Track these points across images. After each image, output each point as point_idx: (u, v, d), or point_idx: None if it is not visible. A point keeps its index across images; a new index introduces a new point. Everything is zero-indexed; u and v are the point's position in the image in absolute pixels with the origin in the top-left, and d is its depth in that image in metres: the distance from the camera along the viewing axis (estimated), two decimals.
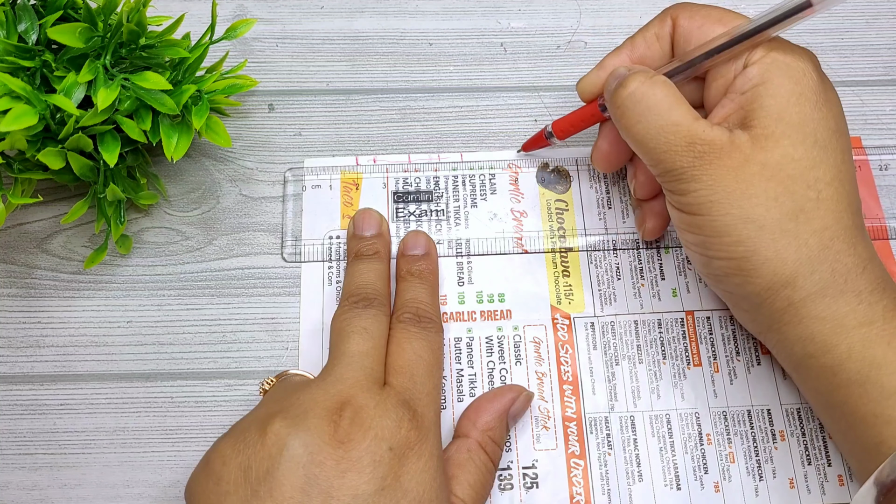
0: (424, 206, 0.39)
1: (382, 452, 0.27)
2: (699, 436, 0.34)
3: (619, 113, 0.31)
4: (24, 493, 0.33)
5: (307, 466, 0.26)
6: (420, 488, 0.27)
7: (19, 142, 0.31)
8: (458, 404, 0.35)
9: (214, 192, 0.39)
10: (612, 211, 0.39)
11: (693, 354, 0.36)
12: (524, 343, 0.36)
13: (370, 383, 0.29)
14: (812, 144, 0.29)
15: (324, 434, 0.27)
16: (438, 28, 0.43)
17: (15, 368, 0.36)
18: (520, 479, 0.33)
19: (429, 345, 0.32)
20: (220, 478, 0.26)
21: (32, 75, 0.32)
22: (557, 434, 0.34)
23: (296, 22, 0.43)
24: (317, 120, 0.41)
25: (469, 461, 0.31)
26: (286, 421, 0.27)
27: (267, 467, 0.26)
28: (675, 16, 0.33)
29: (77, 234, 0.38)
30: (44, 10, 0.33)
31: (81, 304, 0.37)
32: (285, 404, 0.28)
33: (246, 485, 0.26)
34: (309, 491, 0.26)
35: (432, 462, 0.28)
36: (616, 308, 0.37)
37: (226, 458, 0.27)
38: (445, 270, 0.37)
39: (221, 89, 0.37)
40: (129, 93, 0.33)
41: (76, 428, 0.35)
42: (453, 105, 0.41)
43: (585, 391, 0.35)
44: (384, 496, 0.26)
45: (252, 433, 0.27)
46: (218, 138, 0.36)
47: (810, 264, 0.28)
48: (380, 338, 0.31)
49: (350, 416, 0.27)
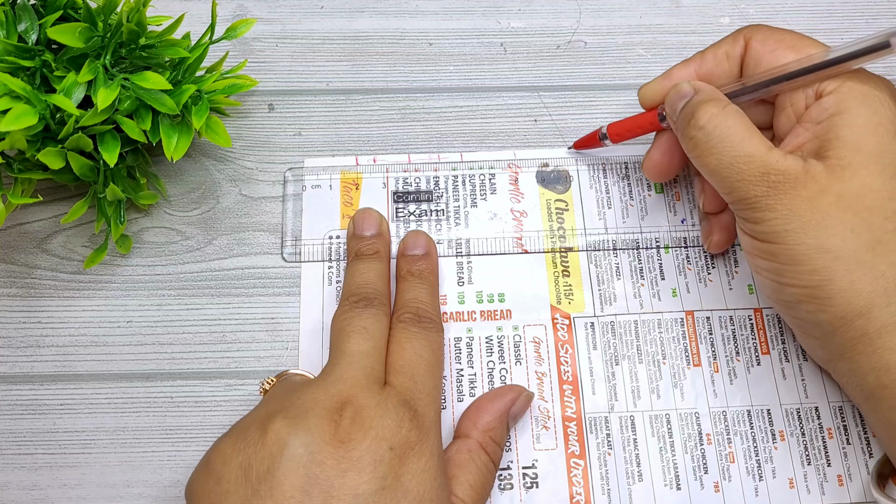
0: (424, 206, 0.39)
1: (383, 452, 0.27)
2: (699, 436, 0.34)
3: (692, 144, 0.31)
4: (24, 493, 0.33)
5: (308, 466, 0.26)
6: (420, 488, 0.27)
7: (19, 142, 0.31)
8: (458, 404, 0.35)
9: (214, 192, 0.39)
10: (612, 211, 0.39)
11: (693, 354, 0.36)
12: (524, 343, 0.36)
13: (370, 383, 0.29)
14: (891, 176, 0.29)
15: (324, 434, 0.27)
16: (438, 28, 0.43)
17: (15, 368, 0.36)
18: (520, 478, 0.33)
19: (429, 344, 0.32)
20: (220, 477, 0.26)
21: (32, 75, 0.32)
22: (557, 434, 0.34)
23: (296, 22, 0.43)
24: (317, 120, 0.41)
25: (470, 461, 0.31)
26: (287, 420, 0.27)
27: (268, 466, 0.26)
28: (749, 37, 0.33)
29: (77, 234, 0.38)
30: (44, 10, 0.33)
31: (81, 304, 0.37)
32: (286, 404, 0.28)
33: (246, 484, 0.26)
34: (309, 490, 0.26)
35: (433, 462, 0.28)
36: (616, 308, 0.37)
37: (226, 457, 0.27)
38: (445, 270, 0.37)
39: (221, 89, 0.37)
40: (128, 93, 0.33)
41: (76, 428, 0.35)
42: (453, 105, 0.41)
43: (585, 391, 0.35)
44: (385, 496, 0.26)
45: (253, 433, 0.27)
46: (218, 138, 0.36)
47: (886, 296, 0.28)
48: (380, 337, 0.31)
49: (350, 415, 0.27)
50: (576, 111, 0.41)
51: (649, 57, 0.43)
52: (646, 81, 0.35)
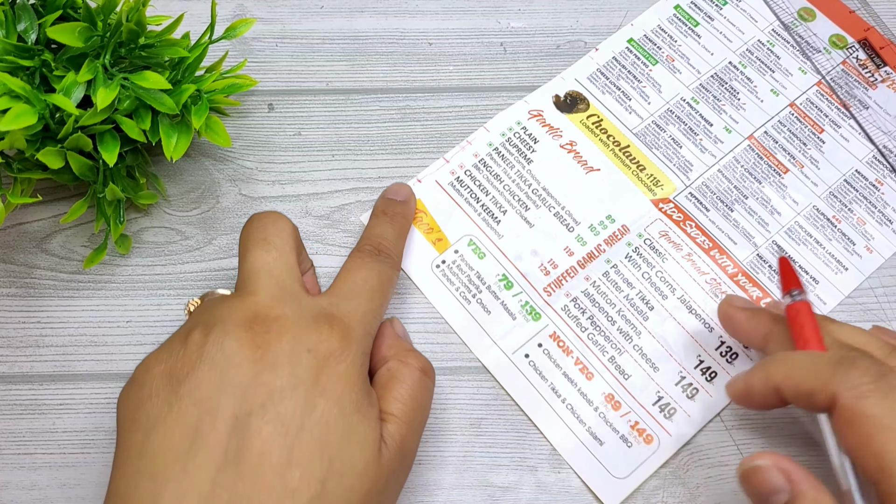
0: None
1: (300, 354, 0.28)
2: (828, 221, 0.39)
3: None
4: (24, 493, 0.33)
5: (225, 368, 0.27)
6: (339, 388, 0.27)
7: (19, 141, 0.31)
8: (646, 322, 0.36)
9: (214, 192, 0.39)
10: (634, 101, 0.42)
11: (778, 164, 0.40)
12: (655, 241, 0.38)
13: (290, 297, 0.29)
14: None
15: (241, 339, 0.27)
16: (438, 28, 0.43)
17: (14, 368, 0.36)
18: (738, 344, 0.36)
19: (378, 274, 0.32)
20: (143, 384, 0.27)
21: (32, 75, 0.32)
22: (736, 291, 0.37)
23: (296, 22, 0.43)
24: (317, 120, 0.41)
25: (392, 379, 0.30)
26: (206, 329, 0.28)
27: (187, 371, 0.27)
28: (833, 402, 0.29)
29: (76, 233, 0.38)
30: (43, 10, 0.33)
31: (81, 304, 0.37)
32: (206, 317, 0.29)
33: (168, 388, 0.27)
34: (227, 389, 0.26)
35: (353, 370, 0.28)
36: (696, 171, 0.40)
37: (149, 367, 0.28)
38: (550, 228, 0.38)
39: (221, 89, 0.37)
40: (128, 92, 0.33)
41: (76, 428, 0.35)
42: (453, 105, 0.41)
43: (728, 246, 0.38)
44: (300, 392, 0.27)
45: (175, 344, 0.28)
46: (217, 138, 0.36)
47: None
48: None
49: (268, 322, 0.28)
50: None
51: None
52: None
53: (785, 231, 0.38)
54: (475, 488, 0.34)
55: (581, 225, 0.38)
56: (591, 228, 0.38)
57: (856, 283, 0.37)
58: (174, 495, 0.25)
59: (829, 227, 0.38)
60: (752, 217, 0.39)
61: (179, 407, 0.26)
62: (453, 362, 0.36)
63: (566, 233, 0.38)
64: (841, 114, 0.41)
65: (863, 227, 0.38)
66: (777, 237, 0.38)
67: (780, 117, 0.41)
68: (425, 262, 0.38)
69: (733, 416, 0.35)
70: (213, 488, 0.25)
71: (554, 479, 0.34)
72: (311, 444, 0.26)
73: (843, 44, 0.42)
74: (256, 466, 0.26)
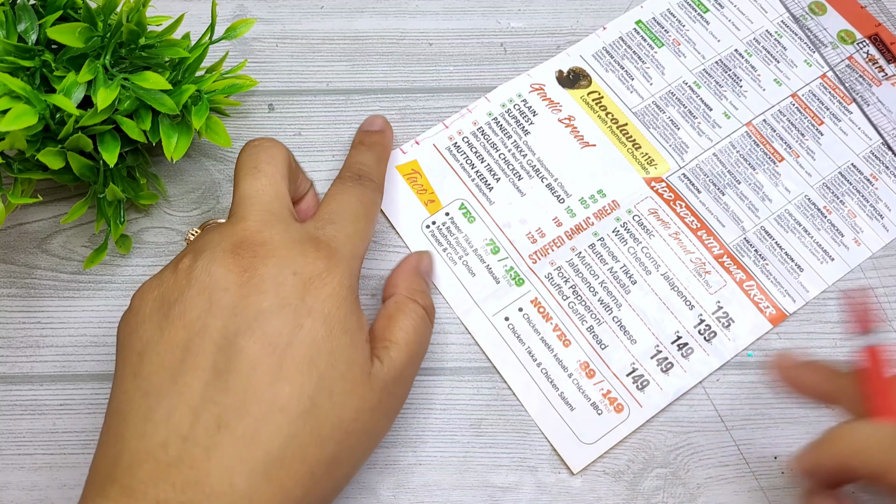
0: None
1: (285, 276, 0.28)
2: (818, 210, 0.39)
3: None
4: (24, 493, 0.33)
5: (212, 292, 0.28)
6: (326, 308, 0.28)
7: (19, 141, 0.31)
8: (628, 296, 0.37)
9: (214, 192, 0.39)
10: (636, 81, 0.42)
11: (773, 153, 0.40)
12: (644, 218, 0.38)
13: (277, 220, 0.30)
14: None
15: (228, 264, 0.28)
16: (438, 28, 0.43)
17: (15, 368, 0.36)
18: (717, 323, 0.36)
19: (359, 198, 0.33)
20: (137, 311, 0.29)
21: (32, 75, 0.32)
22: (719, 272, 0.37)
23: (296, 22, 0.43)
24: (317, 120, 0.41)
25: (398, 310, 0.31)
26: (195, 256, 0.29)
27: (177, 296, 0.28)
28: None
29: (77, 234, 0.38)
30: (43, 10, 0.33)
31: (81, 304, 0.37)
32: (198, 244, 0.29)
33: (160, 312, 0.28)
34: (215, 312, 0.27)
35: (341, 291, 0.29)
36: (692, 153, 0.40)
37: (143, 295, 0.29)
38: (541, 198, 0.39)
39: (221, 89, 0.37)
40: (128, 93, 0.33)
41: (76, 428, 0.35)
42: (453, 105, 0.41)
43: (715, 227, 0.38)
44: (287, 312, 0.27)
45: (167, 272, 0.29)
46: (218, 138, 0.36)
47: None
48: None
49: (254, 247, 0.29)
50: None
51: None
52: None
53: (774, 218, 0.39)
54: (475, 489, 0.34)
55: (572, 197, 0.39)
56: (581, 201, 0.39)
57: (840, 274, 0.38)
58: (166, 409, 0.26)
59: (819, 216, 0.39)
60: (743, 202, 0.39)
61: (170, 330, 0.27)
62: (454, 363, 0.36)
63: (556, 204, 0.39)
64: (843, 108, 0.41)
65: (853, 220, 0.39)
66: (766, 223, 0.38)
67: (780, 107, 0.41)
68: (416, 221, 0.38)
69: (734, 416, 0.35)
70: (203, 401, 0.26)
71: (554, 480, 0.34)
72: (300, 361, 0.27)
73: (852, 39, 0.43)
74: (245, 380, 0.26)
